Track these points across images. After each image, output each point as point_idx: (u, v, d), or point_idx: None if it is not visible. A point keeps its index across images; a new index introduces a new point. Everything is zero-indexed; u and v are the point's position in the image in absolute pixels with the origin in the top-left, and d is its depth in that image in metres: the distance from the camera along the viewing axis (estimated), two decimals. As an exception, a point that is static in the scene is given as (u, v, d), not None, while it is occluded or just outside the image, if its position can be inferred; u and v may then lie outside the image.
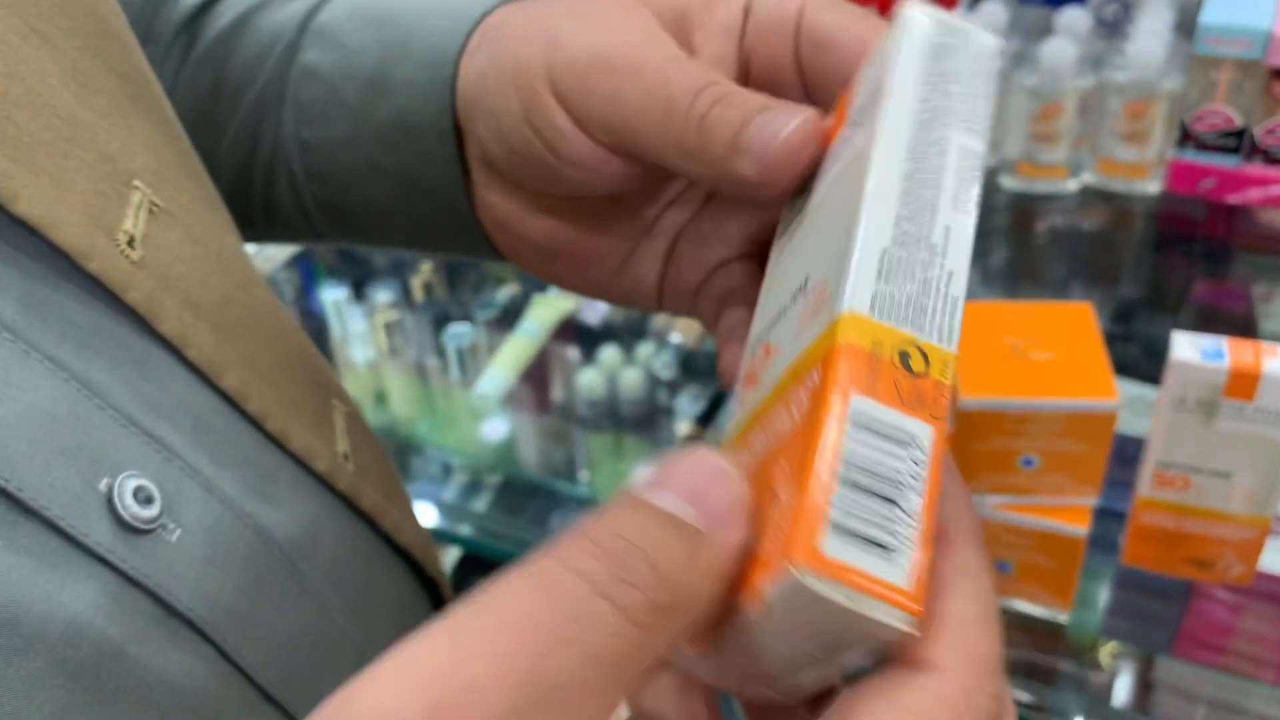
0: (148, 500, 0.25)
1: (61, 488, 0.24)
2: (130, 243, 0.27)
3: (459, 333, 1.03)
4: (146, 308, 0.27)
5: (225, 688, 0.27)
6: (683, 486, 0.18)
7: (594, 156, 0.29)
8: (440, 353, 1.04)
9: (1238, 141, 0.86)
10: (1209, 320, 0.92)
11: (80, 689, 0.23)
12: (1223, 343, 0.59)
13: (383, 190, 0.35)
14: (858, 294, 0.20)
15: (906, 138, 0.22)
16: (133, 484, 0.25)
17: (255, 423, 0.30)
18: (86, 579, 0.24)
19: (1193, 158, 0.88)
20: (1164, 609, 0.78)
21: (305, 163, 0.36)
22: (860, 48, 0.27)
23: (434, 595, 0.40)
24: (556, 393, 1.06)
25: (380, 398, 1.07)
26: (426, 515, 0.97)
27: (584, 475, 1.04)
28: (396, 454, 1.05)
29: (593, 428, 1.03)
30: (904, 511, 0.18)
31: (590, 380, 1.00)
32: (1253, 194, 0.88)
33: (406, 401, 1.07)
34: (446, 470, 1.04)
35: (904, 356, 0.20)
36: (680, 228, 0.32)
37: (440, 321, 1.06)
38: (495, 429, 1.05)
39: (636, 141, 0.27)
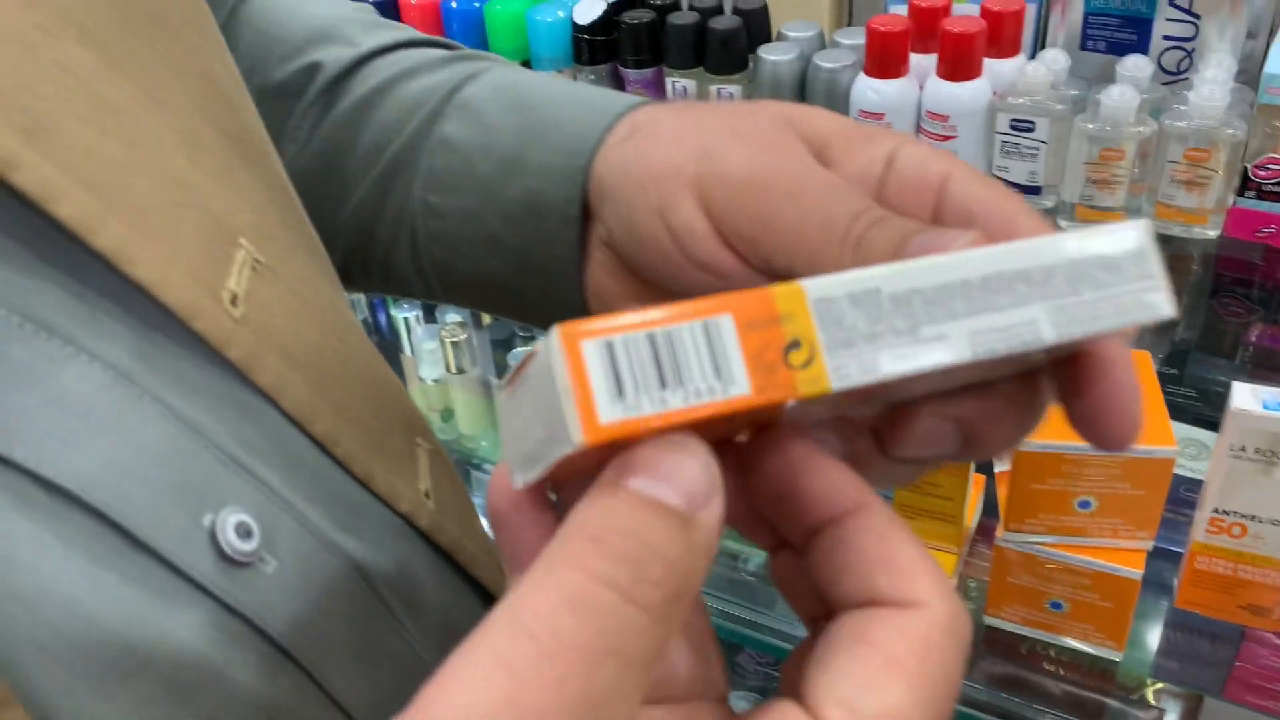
0: (247, 534, 0.27)
1: (170, 523, 0.25)
2: (233, 301, 0.28)
3: (523, 353, 1.06)
4: (246, 363, 0.28)
5: (315, 712, 0.29)
6: (667, 475, 0.19)
7: (723, 262, 0.30)
8: (504, 372, 1.08)
9: (1298, 190, 0.87)
10: (1264, 365, 0.93)
11: (185, 711, 0.25)
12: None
13: (499, 263, 0.37)
14: (823, 282, 0.21)
15: (1003, 266, 0.22)
16: (234, 519, 0.27)
17: (343, 465, 0.32)
18: (191, 608, 0.25)
19: (1253, 205, 0.89)
20: (1216, 650, 0.79)
21: (429, 226, 0.38)
22: (1006, 230, 0.27)
23: None
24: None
25: (446, 415, 1.11)
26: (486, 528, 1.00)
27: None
28: (460, 467, 1.08)
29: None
30: (663, 399, 0.20)
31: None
32: (1312, 242, 0.89)
33: (472, 418, 1.10)
34: (506, 488, 1.07)
35: (795, 343, 0.20)
36: None
37: (506, 342, 1.09)
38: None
39: (782, 260, 0.29)
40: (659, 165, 0.31)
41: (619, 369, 0.20)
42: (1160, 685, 0.79)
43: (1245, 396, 0.61)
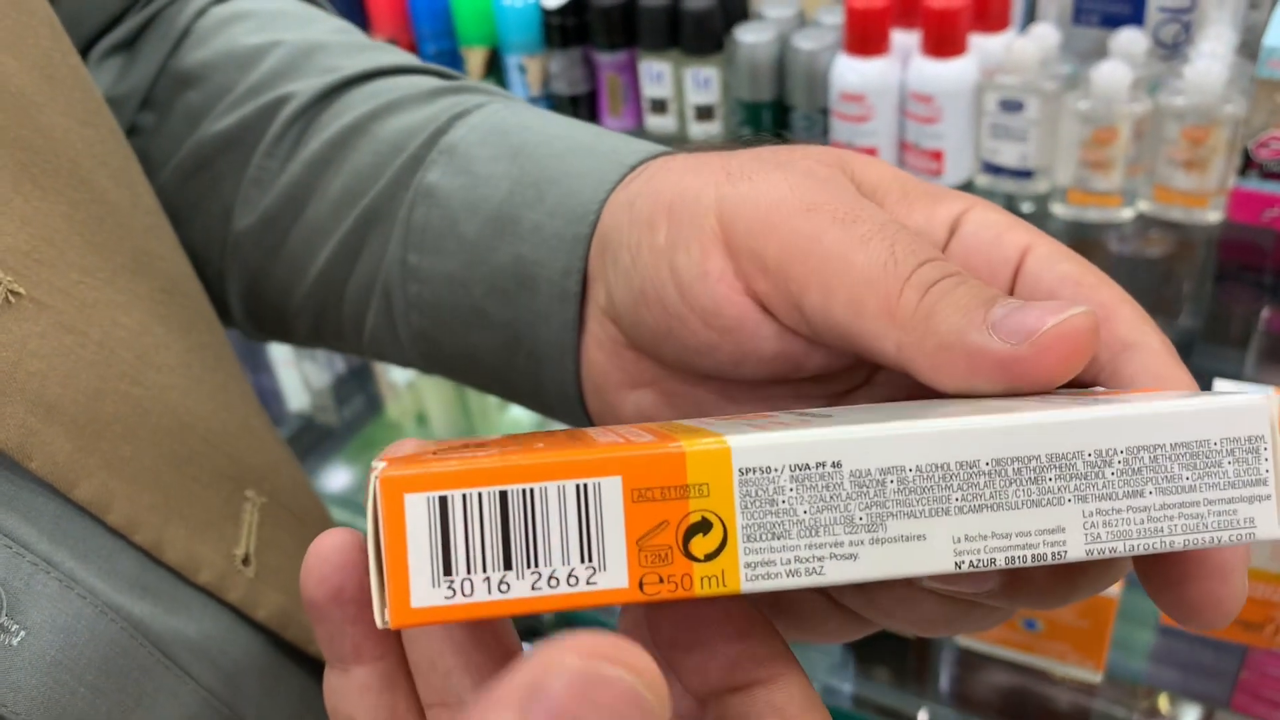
0: None
1: None
2: None
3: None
4: None
5: None
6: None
7: (734, 311, 0.24)
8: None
9: (1305, 169, 0.82)
10: (1274, 357, 0.87)
11: None
12: (1269, 390, 0.55)
13: (484, 339, 0.31)
14: (758, 442, 0.16)
15: (1029, 445, 0.17)
16: None
17: (120, 533, 0.28)
18: None
19: (1256, 186, 0.83)
20: (1219, 660, 0.74)
21: (408, 291, 0.33)
22: (1102, 315, 0.22)
23: None
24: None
25: (420, 419, 1.07)
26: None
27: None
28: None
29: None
30: (504, 583, 0.15)
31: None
32: (1322, 224, 0.83)
33: (447, 421, 1.07)
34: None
35: (703, 524, 0.16)
36: None
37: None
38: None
39: (816, 300, 0.23)
40: (671, 196, 0.25)
41: (451, 536, 0.15)
42: (1169, 694, 0.75)
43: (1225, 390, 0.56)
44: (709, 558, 0.16)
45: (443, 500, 0.15)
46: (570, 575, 0.16)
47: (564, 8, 0.97)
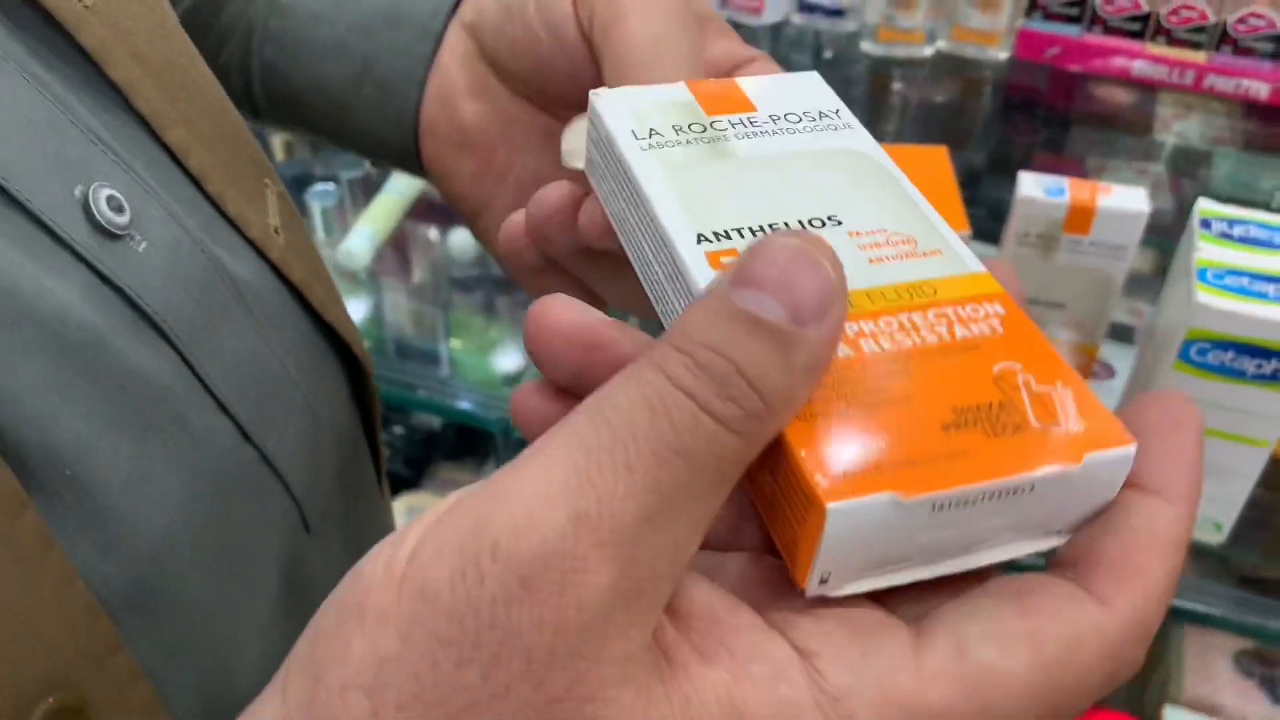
0: (119, 209, 0.27)
1: (44, 188, 0.25)
2: None
3: (324, 191, 1.01)
4: (99, 52, 0.28)
5: (187, 390, 0.28)
6: (770, 282, 0.18)
7: (571, 29, 0.31)
8: (304, 213, 1.03)
9: (1080, 11, 0.91)
10: (1048, 185, 0.97)
11: (68, 362, 0.24)
12: (1064, 181, 0.63)
13: (335, 71, 0.37)
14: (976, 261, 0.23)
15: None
16: (105, 192, 0.26)
17: (196, 180, 0.31)
18: (69, 273, 0.25)
19: (1039, 26, 0.92)
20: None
21: (269, 25, 0.37)
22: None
23: (359, 373, 0.41)
24: (421, 262, 1.06)
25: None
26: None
27: (451, 343, 1.05)
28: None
29: (464, 290, 1.03)
30: None
31: (461, 241, 1.00)
32: (1094, 63, 0.93)
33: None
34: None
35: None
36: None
37: (303, 181, 1.04)
38: (361, 300, 1.04)
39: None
40: None
41: None
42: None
43: (1030, 185, 0.63)
44: None
45: None
46: None
47: None
